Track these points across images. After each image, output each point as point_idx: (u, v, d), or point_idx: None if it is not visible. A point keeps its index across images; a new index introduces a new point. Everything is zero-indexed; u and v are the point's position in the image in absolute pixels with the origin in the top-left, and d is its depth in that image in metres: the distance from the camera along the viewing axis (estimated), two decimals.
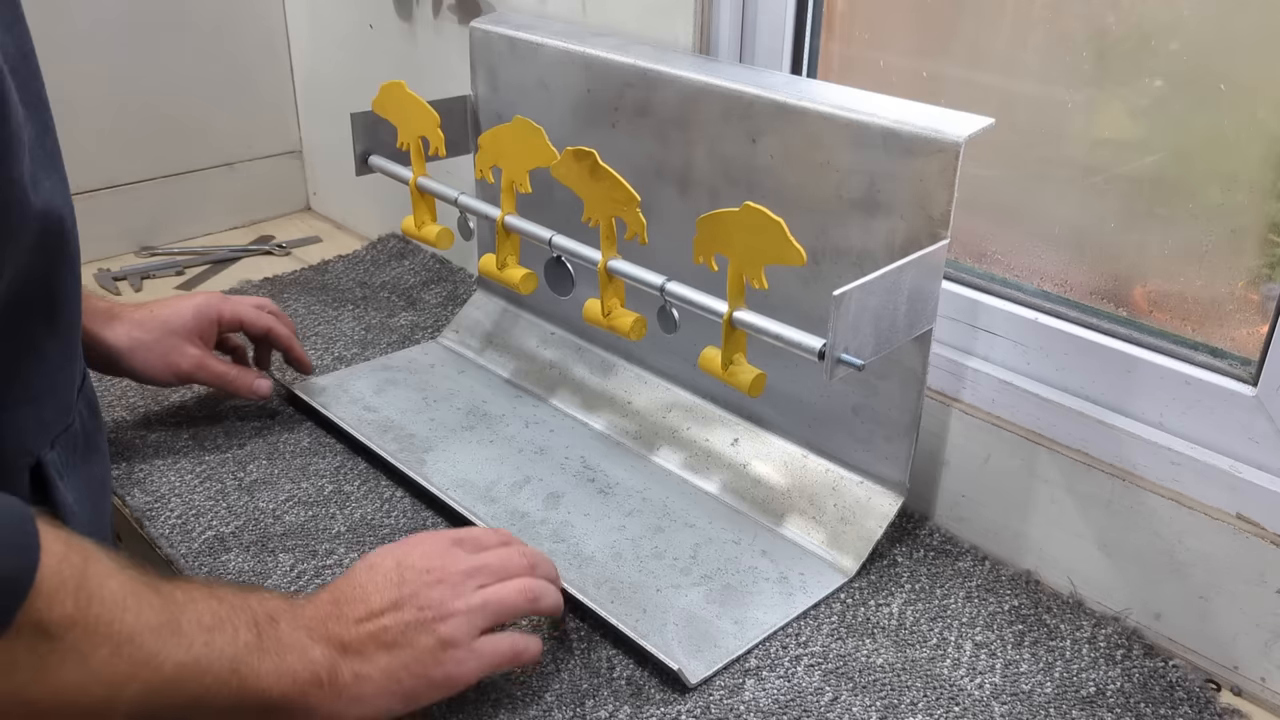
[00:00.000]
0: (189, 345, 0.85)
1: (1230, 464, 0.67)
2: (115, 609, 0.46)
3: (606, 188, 0.73)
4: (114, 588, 0.46)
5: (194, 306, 0.86)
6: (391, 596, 0.58)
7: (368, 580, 0.59)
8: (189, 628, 0.49)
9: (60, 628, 0.43)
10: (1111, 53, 0.72)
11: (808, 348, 0.65)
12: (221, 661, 0.49)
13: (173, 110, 1.26)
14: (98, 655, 0.44)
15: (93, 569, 0.45)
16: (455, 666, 0.58)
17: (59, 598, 0.43)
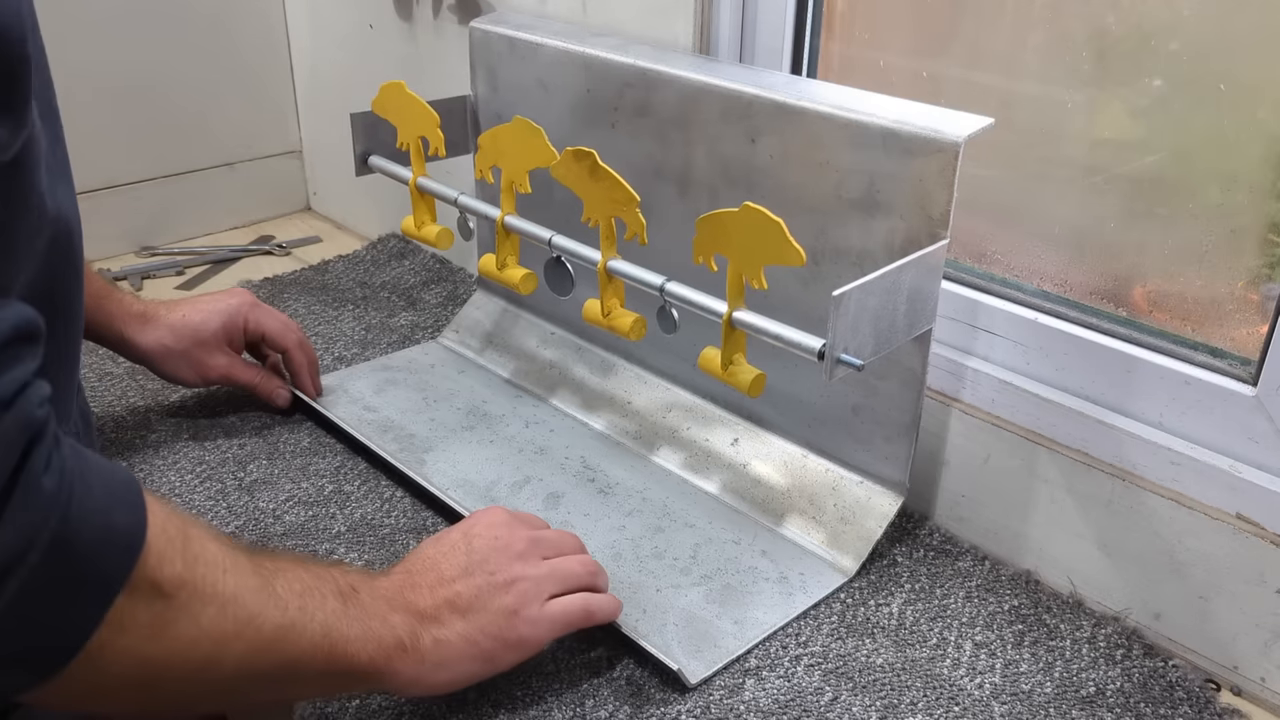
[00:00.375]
0: (218, 353, 0.87)
1: (1230, 464, 0.67)
2: (218, 570, 0.47)
3: (606, 188, 0.73)
4: (214, 550, 0.48)
5: (223, 316, 0.88)
6: (461, 564, 0.60)
7: (436, 553, 0.61)
8: (283, 592, 0.50)
9: (172, 586, 0.44)
10: (1111, 53, 0.72)
11: (807, 348, 0.65)
12: (314, 626, 0.51)
13: (173, 110, 1.26)
14: (206, 613, 0.46)
15: (193, 532, 0.47)
16: (530, 628, 0.60)
17: (168, 556, 0.44)
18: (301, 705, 0.63)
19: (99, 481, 0.43)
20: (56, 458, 0.41)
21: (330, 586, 0.54)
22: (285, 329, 0.92)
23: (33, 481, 0.39)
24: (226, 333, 0.88)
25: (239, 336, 0.89)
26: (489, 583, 0.60)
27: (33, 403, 0.40)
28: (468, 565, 0.60)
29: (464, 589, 0.59)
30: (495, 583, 0.60)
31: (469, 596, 0.59)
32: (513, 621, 0.59)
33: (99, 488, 0.43)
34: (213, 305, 0.89)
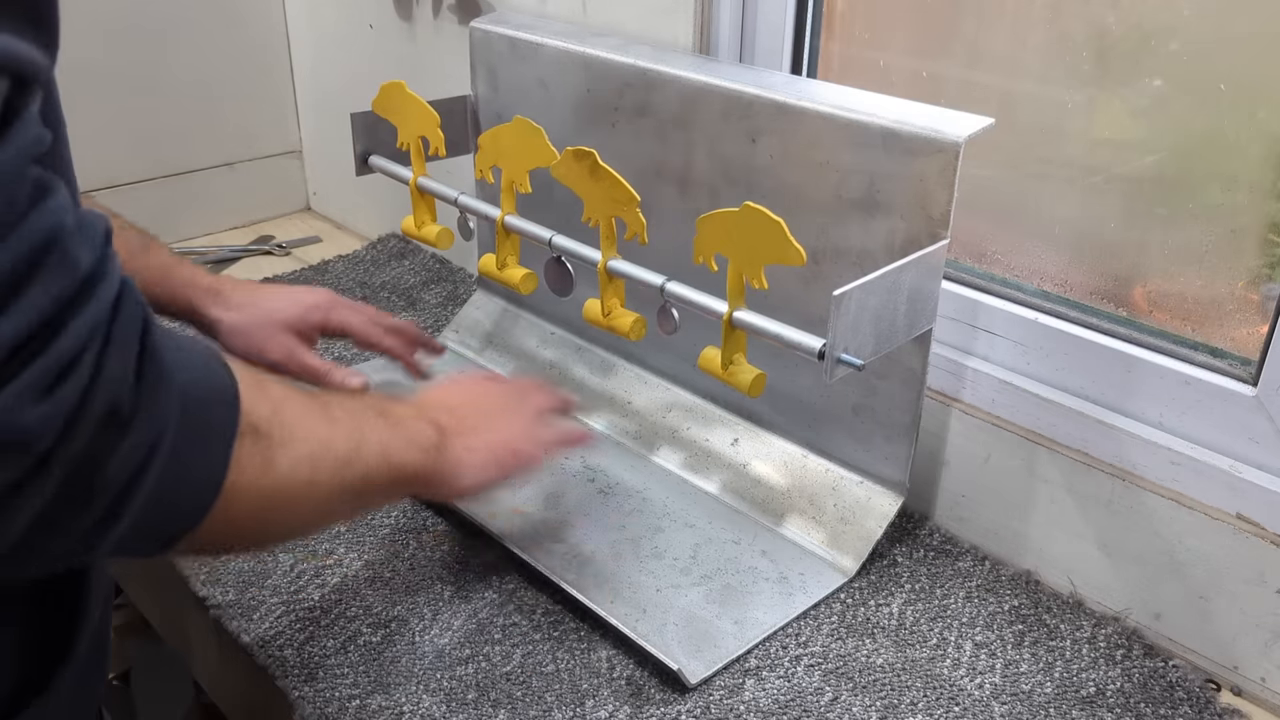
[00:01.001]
0: (284, 335, 0.85)
1: (1230, 464, 0.67)
2: (291, 406, 0.51)
3: (606, 188, 0.73)
4: (280, 390, 0.52)
5: (303, 305, 0.87)
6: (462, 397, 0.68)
7: (440, 393, 0.69)
8: (341, 416, 0.55)
9: (266, 425, 0.48)
10: (1111, 53, 0.72)
11: (807, 348, 0.65)
12: (371, 445, 0.55)
13: (173, 110, 1.26)
14: (295, 444, 0.50)
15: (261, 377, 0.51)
16: (533, 446, 0.68)
17: (257, 401, 0.48)
18: (303, 705, 0.64)
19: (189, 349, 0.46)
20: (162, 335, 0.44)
21: (372, 408, 0.59)
22: (370, 324, 0.89)
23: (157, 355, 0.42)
24: (301, 323, 0.86)
25: (313, 330, 0.87)
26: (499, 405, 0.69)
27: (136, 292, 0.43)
28: (468, 399, 0.68)
29: (470, 413, 0.66)
30: (502, 406, 0.69)
31: (476, 418, 0.66)
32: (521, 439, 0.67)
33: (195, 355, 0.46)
34: (290, 294, 0.88)
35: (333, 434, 0.54)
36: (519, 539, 0.76)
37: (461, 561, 0.75)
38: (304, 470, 0.51)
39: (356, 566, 0.74)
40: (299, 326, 0.86)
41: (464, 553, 0.76)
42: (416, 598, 0.72)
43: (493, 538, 0.76)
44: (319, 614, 0.70)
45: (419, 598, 0.72)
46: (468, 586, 0.73)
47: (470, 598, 0.72)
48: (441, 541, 0.77)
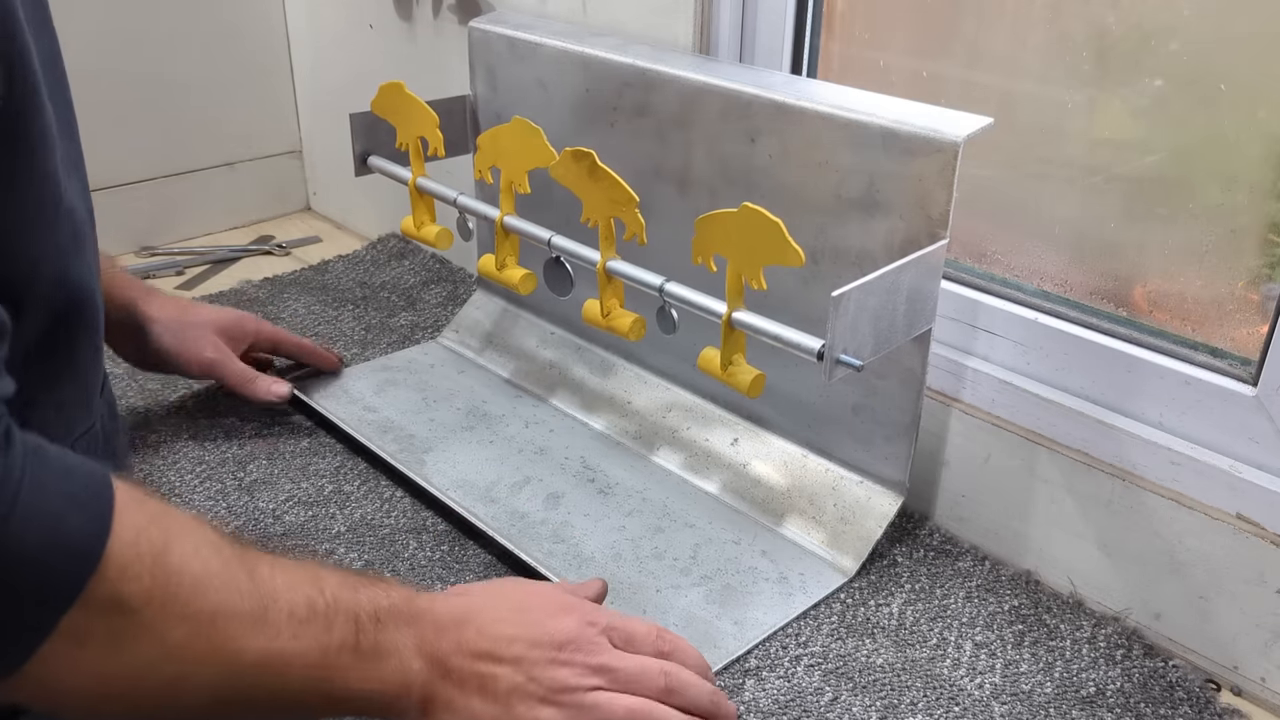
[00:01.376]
0: (217, 337, 0.88)
1: (1230, 464, 0.67)
2: (197, 589, 0.45)
3: (605, 188, 0.73)
4: (197, 568, 0.45)
5: (234, 315, 0.91)
6: (517, 652, 0.55)
7: (509, 618, 0.57)
8: (277, 618, 0.48)
9: (136, 601, 0.42)
10: (1111, 53, 0.72)
11: (806, 348, 0.65)
12: (309, 656, 0.48)
13: (173, 110, 1.26)
14: (174, 634, 0.44)
15: (177, 545, 0.45)
16: None
17: (134, 570, 0.42)
18: None
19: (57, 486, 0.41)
20: (4, 457, 0.40)
21: (346, 613, 0.51)
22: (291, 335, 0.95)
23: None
24: (231, 329, 0.89)
25: (244, 339, 0.91)
26: (525, 689, 0.55)
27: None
28: (520, 657, 0.55)
29: (501, 675, 0.54)
30: (532, 692, 0.55)
31: (501, 687, 0.54)
32: None
33: (55, 492, 0.41)
34: (221, 308, 0.92)
35: (243, 636, 0.46)
36: (519, 539, 0.76)
37: (461, 561, 0.75)
38: (171, 666, 0.44)
39: (357, 567, 0.74)
40: (230, 333, 0.90)
41: (464, 553, 0.76)
42: None
43: (492, 538, 0.76)
44: None
45: None
46: None
47: None
48: (441, 541, 0.77)
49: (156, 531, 0.44)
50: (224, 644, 0.46)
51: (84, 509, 0.42)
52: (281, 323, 1.08)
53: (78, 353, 0.58)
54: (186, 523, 0.47)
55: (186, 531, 0.46)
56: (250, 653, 0.46)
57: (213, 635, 0.45)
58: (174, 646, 0.44)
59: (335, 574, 0.53)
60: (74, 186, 0.56)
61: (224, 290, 1.15)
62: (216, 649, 0.45)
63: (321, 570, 0.52)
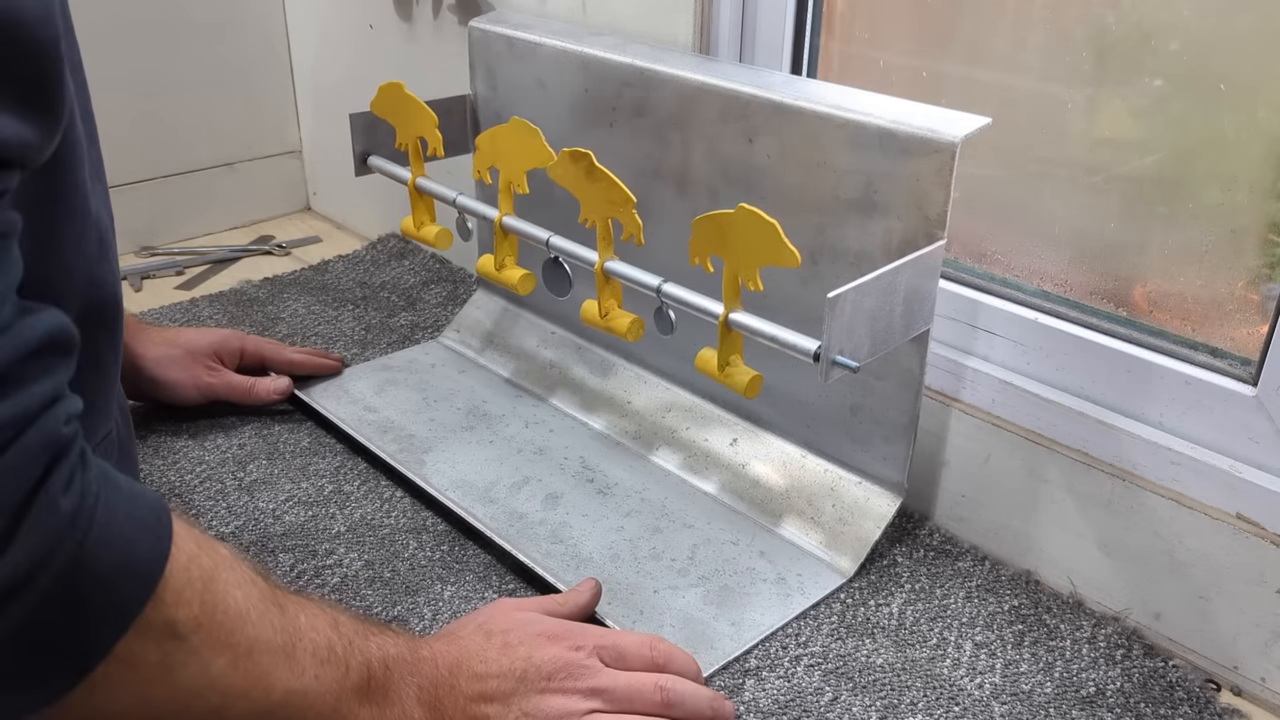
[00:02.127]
0: (210, 359, 0.91)
1: (1230, 464, 0.67)
2: (238, 620, 0.45)
3: (603, 189, 0.73)
4: (239, 598, 0.46)
5: (220, 335, 0.93)
6: (508, 687, 0.56)
7: (498, 657, 0.57)
8: (303, 656, 0.48)
9: (186, 628, 0.43)
10: (1111, 53, 0.72)
11: (803, 349, 0.64)
12: (326, 698, 0.49)
13: (173, 110, 1.26)
14: (217, 663, 0.44)
15: (222, 575, 0.45)
16: None
17: (186, 596, 0.43)
18: None
19: (125, 508, 0.42)
20: (80, 479, 0.40)
21: (359, 658, 0.51)
22: (281, 346, 0.97)
23: (50, 502, 0.38)
24: (219, 351, 0.92)
25: (233, 356, 0.93)
26: (524, 719, 0.56)
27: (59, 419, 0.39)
28: (512, 692, 0.56)
29: (494, 715, 0.55)
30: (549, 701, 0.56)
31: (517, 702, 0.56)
32: None
33: (124, 515, 0.41)
34: (202, 331, 0.94)
35: (276, 670, 0.46)
36: (518, 539, 0.76)
37: (461, 561, 0.75)
38: (214, 697, 0.44)
39: (357, 566, 0.74)
40: (221, 352, 0.92)
41: (464, 553, 0.76)
42: (416, 598, 0.72)
43: (492, 538, 0.76)
44: None
45: (419, 598, 0.72)
46: (467, 586, 0.73)
47: (470, 598, 0.72)
48: (441, 541, 0.77)
49: (206, 559, 0.45)
50: (259, 678, 0.46)
51: (149, 533, 0.42)
52: (281, 323, 1.08)
53: (103, 357, 0.58)
54: (228, 554, 0.48)
55: (228, 562, 0.47)
56: (279, 690, 0.47)
57: (250, 668, 0.46)
58: (216, 676, 0.44)
59: (349, 618, 0.53)
60: (98, 192, 0.56)
61: (224, 290, 1.15)
62: (253, 683, 0.46)
63: (339, 612, 0.53)
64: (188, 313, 1.10)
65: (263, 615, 0.47)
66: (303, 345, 1.03)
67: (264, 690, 0.46)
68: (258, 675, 0.46)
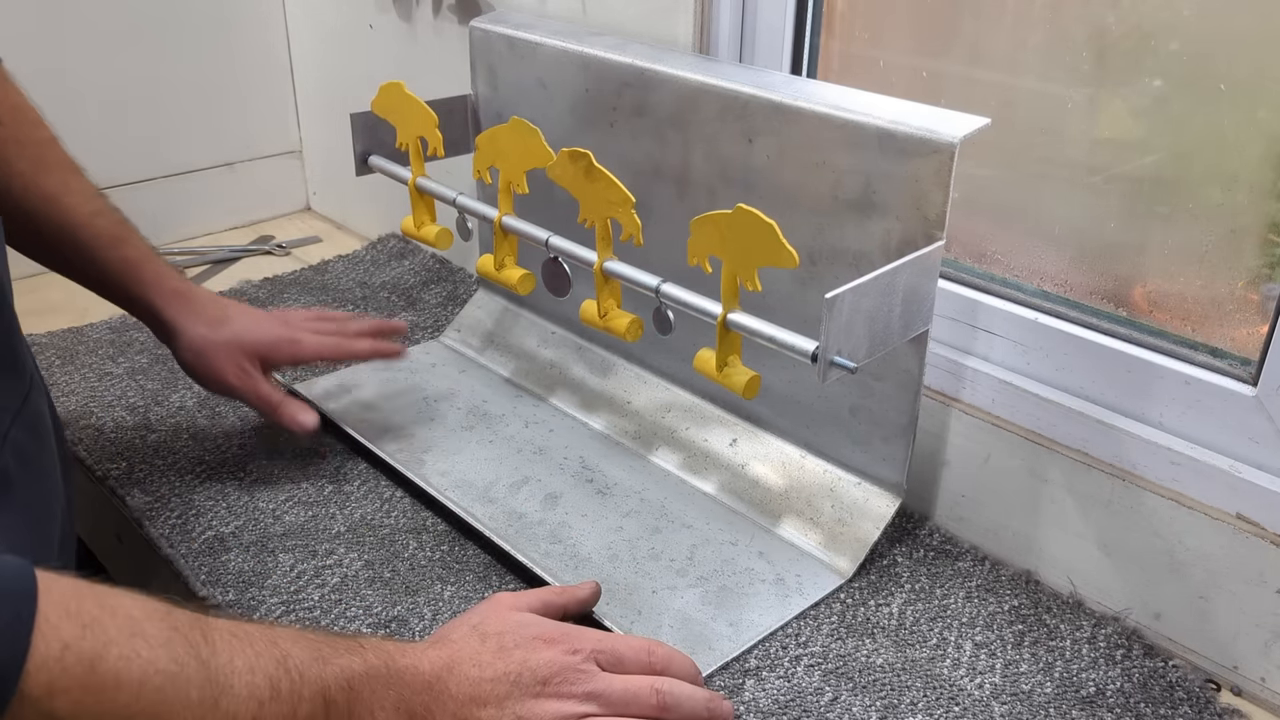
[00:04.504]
0: (246, 361, 0.81)
1: (1230, 464, 0.67)
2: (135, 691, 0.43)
3: (602, 189, 0.73)
4: (137, 668, 0.44)
5: (273, 336, 0.82)
6: (503, 691, 0.55)
7: (492, 660, 0.57)
8: (232, 704, 0.46)
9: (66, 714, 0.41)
10: (1111, 52, 0.72)
11: (801, 350, 0.64)
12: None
13: (173, 110, 1.26)
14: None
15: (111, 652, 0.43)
16: None
17: (61, 685, 0.41)
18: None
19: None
20: None
21: (314, 689, 0.49)
22: (339, 343, 0.86)
23: None
24: (266, 351, 0.82)
25: (280, 363, 0.84)
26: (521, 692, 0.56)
27: None
28: (505, 696, 0.55)
29: (490, 718, 0.55)
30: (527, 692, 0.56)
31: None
32: None
33: None
34: (265, 323, 0.83)
35: None
36: (517, 539, 0.76)
37: (461, 561, 0.75)
38: None
39: (357, 566, 0.74)
40: (265, 355, 0.82)
41: (463, 553, 0.76)
42: (416, 598, 0.72)
43: (491, 538, 0.76)
44: (319, 614, 0.70)
45: (419, 598, 0.72)
46: (467, 586, 0.73)
47: (470, 598, 0.72)
48: (441, 541, 0.77)
49: (89, 642, 0.43)
50: None
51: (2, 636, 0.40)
52: None
53: None
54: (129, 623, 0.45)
55: (127, 633, 0.44)
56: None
57: None
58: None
59: (305, 644, 0.51)
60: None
61: (224, 290, 1.15)
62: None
63: (292, 643, 0.51)
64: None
65: (171, 677, 0.45)
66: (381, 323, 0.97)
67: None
68: None
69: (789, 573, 0.74)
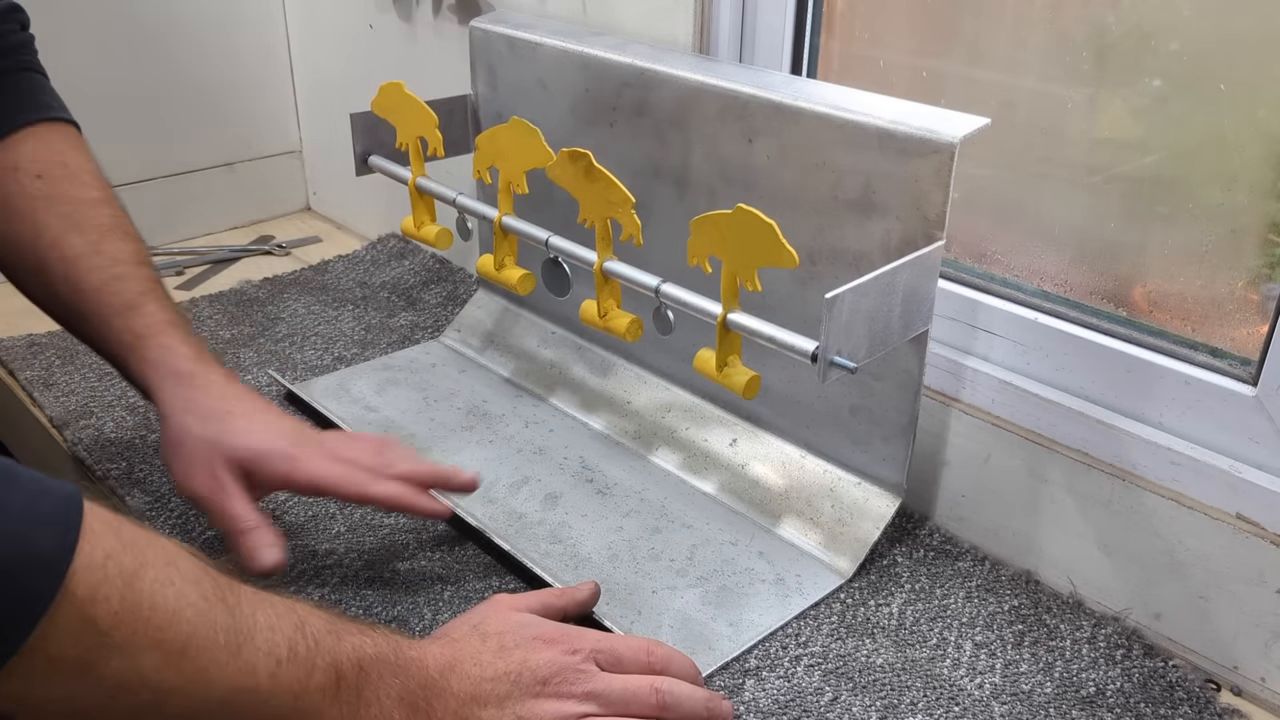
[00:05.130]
0: (224, 471, 0.66)
1: (1230, 464, 0.67)
2: (169, 618, 0.44)
3: (601, 189, 0.73)
4: (171, 596, 0.45)
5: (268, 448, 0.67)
6: (503, 690, 0.56)
7: (493, 660, 0.57)
8: (252, 655, 0.47)
9: (106, 623, 0.42)
10: (1111, 52, 0.72)
11: (800, 350, 0.64)
12: (283, 697, 0.48)
13: (173, 110, 1.26)
14: (146, 660, 0.43)
15: (149, 574, 0.44)
16: None
17: (103, 593, 0.42)
18: None
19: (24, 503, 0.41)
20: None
21: (327, 660, 0.50)
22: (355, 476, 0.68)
23: None
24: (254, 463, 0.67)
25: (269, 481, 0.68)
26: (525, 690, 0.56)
27: None
28: (505, 695, 0.55)
29: (489, 717, 0.55)
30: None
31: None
32: None
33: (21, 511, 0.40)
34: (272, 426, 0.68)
35: (214, 668, 0.45)
36: (517, 539, 0.76)
37: (461, 561, 0.75)
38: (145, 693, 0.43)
39: (357, 566, 0.74)
40: (251, 468, 0.66)
41: (464, 553, 0.76)
42: (416, 598, 0.72)
43: (491, 539, 0.76)
44: None
45: (419, 598, 0.72)
46: (467, 586, 0.73)
47: (470, 598, 0.72)
48: (441, 541, 0.77)
49: (129, 557, 0.44)
50: (195, 675, 0.45)
51: (53, 528, 0.41)
52: (281, 323, 1.08)
53: None
54: (165, 552, 0.46)
55: (163, 561, 0.46)
56: (220, 688, 0.46)
57: (184, 666, 0.45)
58: (146, 673, 0.43)
59: (322, 617, 0.52)
60: None
61: (224, 290, 1.15)
62: (188, 680, 0.45)
63: (308, 612, 0.52)
64: (188, 313, 1.10)
65: (201, 614, 0.46)
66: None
67: (202, 687, 0.45)
68: (193, 673, 0.45)
69: (789, 573, 0.74)
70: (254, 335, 1.05)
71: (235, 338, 1.04)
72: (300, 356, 1.01)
